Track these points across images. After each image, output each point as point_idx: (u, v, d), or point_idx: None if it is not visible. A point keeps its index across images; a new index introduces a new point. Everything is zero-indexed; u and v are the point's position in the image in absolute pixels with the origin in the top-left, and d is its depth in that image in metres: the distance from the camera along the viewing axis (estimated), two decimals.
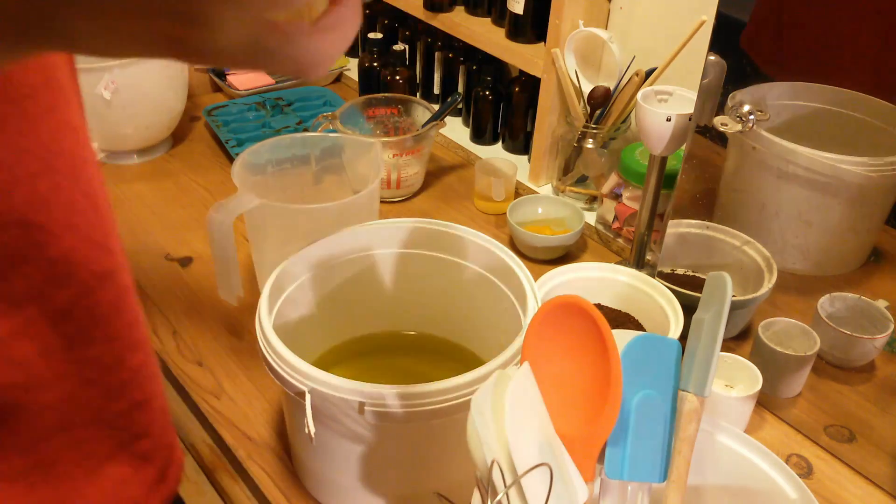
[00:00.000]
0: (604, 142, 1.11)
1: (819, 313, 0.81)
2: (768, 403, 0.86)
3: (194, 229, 1.11)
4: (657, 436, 0.53)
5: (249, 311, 0.97)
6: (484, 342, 0.82)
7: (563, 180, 1.16)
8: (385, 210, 1.17)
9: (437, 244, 0.79)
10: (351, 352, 0.84)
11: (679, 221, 0.90)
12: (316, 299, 0.79)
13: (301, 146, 0.97)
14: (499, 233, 1.13)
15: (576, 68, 1.09)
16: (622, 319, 0.89)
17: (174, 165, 1.26)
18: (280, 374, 0.63)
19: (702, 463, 0.61)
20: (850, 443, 0.81)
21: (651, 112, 0.87)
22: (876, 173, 0.75)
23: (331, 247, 0.78)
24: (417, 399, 0.60)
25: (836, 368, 0.83)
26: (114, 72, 1.12)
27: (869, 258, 0.80)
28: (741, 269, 0.86)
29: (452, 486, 0.70)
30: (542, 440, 0.49)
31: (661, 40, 1.05)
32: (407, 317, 0.85)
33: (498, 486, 0.47)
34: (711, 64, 0.79)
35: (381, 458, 0.67)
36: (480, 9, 1.23)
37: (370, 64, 1.37)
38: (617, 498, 0.53)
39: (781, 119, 0.78)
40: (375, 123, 1.22)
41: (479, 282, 0.78)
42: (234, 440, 0.81)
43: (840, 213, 0.79)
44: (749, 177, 0.85)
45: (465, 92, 1.34)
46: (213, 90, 1.46)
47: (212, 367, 0.90)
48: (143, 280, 1.02)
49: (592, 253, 1.10)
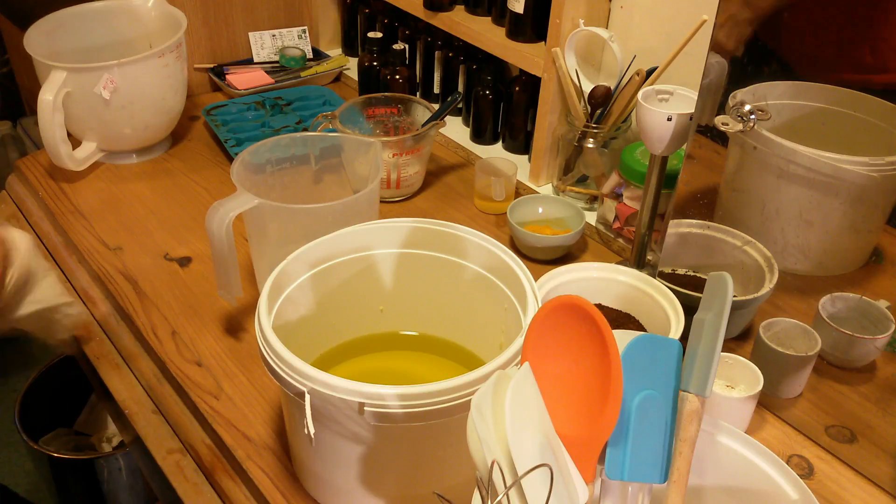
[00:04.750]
0: (604, 141, 1.11)
1: (820, 313, 0.81)
2: (769, 404, 0.86)
3: (193, 229, 1.11)
4: (658, 436, 0.53)
5: (249, 312, 0.97)
6: (484, 342, 0.81)
7: (563, 180, 1.16)
8: (385, 210, 1.17)
9: (437, 244, 0.79)
10: (351, 352, 0.84)
11: (680, 221, 0.89)
12: (315, 299, 0.79)
13: (301, 146, 0.97)
14: (499, 233, 1.13)
15: (576, 68, 1.08)
16: (623, 320, 0.89)
17: (173, 165, 1.26)
18: (279, 375, 0.63)
19: (702, 463, 0.61)
20: (852, 443, 0.81)
21: (652, 112, 0.86)
22: (877, 173, 0.75)
23: (331, 247, 0.77)
24: (417, 399, 0.60)
25: (838, 369, 0.83)
26: (113, 71, 1.11)
27: (870, 258, 0.80)
28: (742, 269, 0.86)
29: (452, 486, 0.69)
30: (542, 440, 0.49)
31: (661, 39, 1.05)
32: (407, 317, 0.85)
33: (498, 486, 0.47)
34: (712, 63, 0.78)
35: (380, 458, 0.67)
36: (481, 8, 1.23)
37: (370, 63, 1.37)
38: (618, 499, 0.53)
39: (782, 119, 0.78)
40: (375, 123, 1.22)
41: (479, 282, 0.78)
42: (234, 441, 0.81)
43: (841, 213, 0.79)
44: (750, 176, 0.85)
45: (465, 91, 1.34)
46: (213, 90, 1.46)
47: (211, 367, 0.90)
48: (141, 280, 1.02)
49: (593, 253, 1.10)
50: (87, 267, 1.07)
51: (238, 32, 1.45)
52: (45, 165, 1.22)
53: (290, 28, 1.49)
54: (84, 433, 1.75)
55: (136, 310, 0.98)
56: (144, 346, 0.96)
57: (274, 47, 1.48)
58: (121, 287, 1.01)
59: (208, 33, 1.42)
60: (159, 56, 1.15)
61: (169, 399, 0.91)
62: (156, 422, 0.92)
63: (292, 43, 1.50)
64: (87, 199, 1.17)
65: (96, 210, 1.15)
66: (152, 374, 0.94)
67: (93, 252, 1.07)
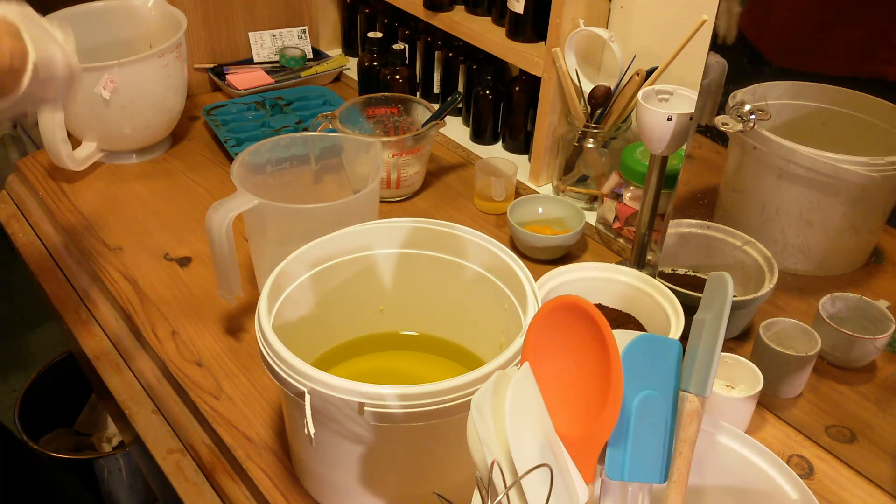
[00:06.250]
0: (604, 141, 1.11)
1: (820, 313, 0.80)
2: (769, 404, 0.86)
3: (193, 229, 1.11)
4: (658, 436, 0.53)
5: (249, 312, 0.97)
6: (484, 342, 0.81)
7: (563, 180, 1.16)
8: (385, 210, 1.17)
9: (437, 244, 0.79)
10: (351, 352, 0.84)
11: (680, 221, 0.89)
12: (315, 299, 0.79)
13: (301, 146, 0.97)
14: (499, 233, 1.13)
15: (576, 67, 1.08)
16: (623, 320, 0.89)
17: (173, 165, 1.26)
18: (279, 375, 0.63)
19: (702, 463, 0.61)
20: (852, 443, 0.81)
21: (652, 111, 0.86)
22: (877, 173, 0.75)
23: (331, 247, 0.77)
24: (417, 399, 0.60)
25: (838, 369, 0.82)
26: (113, 71, 1.11)
27: (870, 258, 0.80)
28: (742, 269, 0.86)
29: (452, 486, 0.69)
30: (542, 440, 0.49)
31: (661, 39, 1.05)
32: (407, 317, 0.85)
33: (498, 486, 0.47)
34: (712, 63, 0.78)
35: (380, 458, 0.67)
36: (480, 8, 1.23)
37: (370, 63, 1.37)
38: (618, 499, 0.53)
39: (782, 118, 0.78)
40: (375, 123, 1.22)
41: (479, 282, 0.78)
42: (234, 441, 0.81)
43: (841, 213, 0.79)
44: (750, 176, 0.85)
45: (465, 91, 1.34)
46: (213, 90, 1.46)
47: (211, 367, 0.90)
48: (141, 280, 1.02)
49: (593, 253, 1.10)
50: (87, 267, 1.07)
51: (238, 32, 1.45)
52: (45, 165, 1.22)
53: (290, 28, 1.49)
54: (84, 433, 1.76)
55: (136, 310, 0.98)
56: (144, 346, 0.96)
57: (274, 47, 1.48)
58: (121, 287, 1.01)
59: (208, 33, 1.42)
60: (159, 56, 1.15)
61: (169, 399, 0.91)
62: (156, 422, 0.92)
63: (292, 43, 1.50)
64: (87, 199, 1.17)
65: (96, 210, 1.15)
66: (152, 374, 0.94)
67: (93, 252, 1.07)
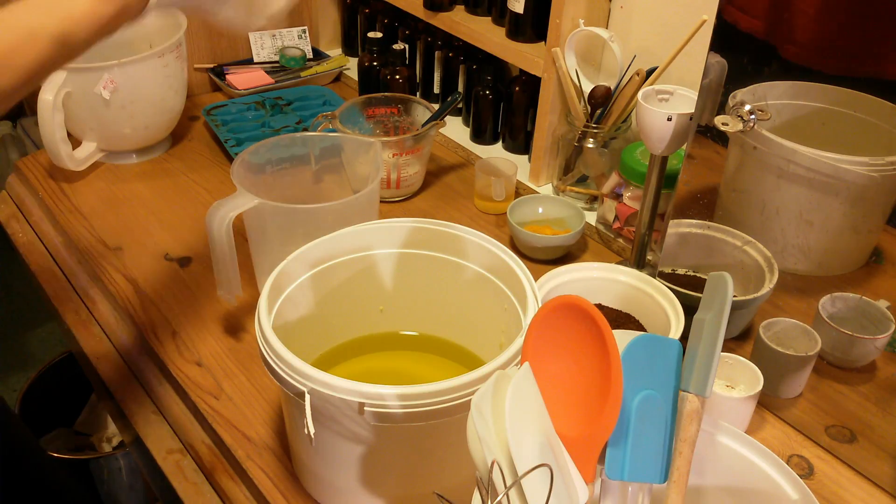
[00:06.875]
0: (604, 141, 1.11)
1: (820, 313, 0.80)
2: (769, 404, 0.86)
3: (193, 229, 1.11)
4: (658, 436, 0.53)
5: (249, 312, 0.97)
6: (484, 342, 0.81)
7: (563, 180, 1.16)
8: (385, 210, 1.17)
9: (437, 244, 0.79)
10: (351, 352, 0.84)
11: (680, 221, 0.89)
12: (315, 299, 0.79)
13: (301, 146, 0.97)
14: (499, 233, 1.13)
15: (576, 67, 1.08)
16: (623, 320, 0.89)
17: (173, 165, 1.26)
18: (279, 375, 0.63)
19: (702, 463, 0.61)
20: (852, 443, 0.81)
21: (652, 111, 0.86)
22: (877, 173, 0.75)
23: (330, 247, 0.77)
24: (417, 399, 0.60)
25: (837, 369, 0.82)
26: (113, 71, 1.11)
27: (870, 258, 0.80)
28: (742, 269, 0.86)
29: (452, 486, 0.69)
30: (542, 440, 0.49)
31: (661, 39, 1.05)
32: (407, 317, 0.85)
33: (498, 486, 0.47)
34: (712, 63, 0.78)
35: (380, 458, 0.67)
36: (480, 8, 1.23)
37: (370, 63, 1.37)
38: (618, 499, 0.53)
39: (782, 118, 0.78)
40: (375, 123, 1.22)
41: (479, 282, 0.78)
42: (234, 441, 0.81)
43: (841, 213, 0.79)
44: (750, 176, 0.85)
45: (465, 91, 1.34)
46: (213, 89, 1.46)
47: (211, 367, 0.90)
48: (141, 280, 1.02)
49: (593, 253, 1.10)
50: (87, 267, 1.07)
51: (238, 32, 1.45)
52: (45, 165, 1.22)
53: (290, 28, 1.49)
54: (84, 433, 1.76)
55: (136, 310, 0.98)
56: (144, 347, 0.96)
57: (274, 47, 1.48)
58: (121, 287, 1.01)
59: (208, 33, 1.42)
60: (159, 56, 1.15)
61: (169, 399, 0.91)
62: (156, 422, 0.92)
63: (292, 43, 1.50)
64: (87, 199, 1.17)
65: (96, 210, 1.15)
66: (152, 374, 0.94)
67: (93, 252, 1.07)
